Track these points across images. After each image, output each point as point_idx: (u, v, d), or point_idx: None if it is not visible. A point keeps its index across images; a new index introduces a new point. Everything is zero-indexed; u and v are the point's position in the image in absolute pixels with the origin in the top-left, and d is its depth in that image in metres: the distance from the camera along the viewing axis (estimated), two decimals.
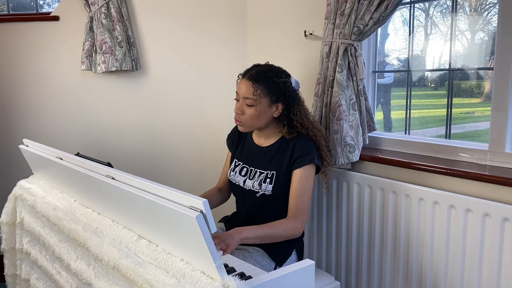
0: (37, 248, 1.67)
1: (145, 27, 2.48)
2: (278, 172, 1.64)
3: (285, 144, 1.67)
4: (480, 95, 1.89)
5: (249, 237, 1.45)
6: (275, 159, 1.67)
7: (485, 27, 1.82)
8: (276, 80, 1.62)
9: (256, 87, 1.59)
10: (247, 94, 1.60)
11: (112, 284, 1.20)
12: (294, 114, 1.65)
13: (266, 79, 1.61)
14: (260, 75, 1.61)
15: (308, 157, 1.61)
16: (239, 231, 1.44)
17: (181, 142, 2.57)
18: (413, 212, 1.72)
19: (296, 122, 1.66)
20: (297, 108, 1.66)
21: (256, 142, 1.75)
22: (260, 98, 1.59)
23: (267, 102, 1.61)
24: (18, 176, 2.06)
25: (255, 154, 1.73)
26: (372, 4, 1.73)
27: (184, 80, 2.52)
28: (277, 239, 1.55)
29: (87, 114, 2.56)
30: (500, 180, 1.50)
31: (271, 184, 1.64)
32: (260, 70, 1.64)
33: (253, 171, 1.71)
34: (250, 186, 1.68)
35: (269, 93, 1.60)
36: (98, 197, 1.37)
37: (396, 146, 1.96)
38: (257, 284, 1.05)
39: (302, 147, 1.62)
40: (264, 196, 1.65)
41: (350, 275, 2.01)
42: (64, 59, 2.53)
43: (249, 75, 1.62)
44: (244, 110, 1.62)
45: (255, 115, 1.61)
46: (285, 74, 1.67)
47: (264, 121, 1.65)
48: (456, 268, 1.61)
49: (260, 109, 1.60)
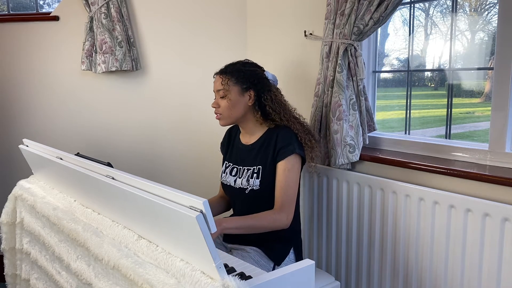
0: (37, 248, 1.67)
1: (145, 27, 2.48)
2: (264, 166, 1.67)
3: (268, 138, 1.70)
4: (480, 95, 1.89)
5: (229, 227, 1.47)
6: (260, 154, 1.70)
7: (485, 27, 1.82)
8: (243, 68, 1.71)
9: (224, 77, 1.69)
10: (218, 86, 1.69)
11: (112, 284, 1.19)
12: (265, 99, 1.70)
13: (233, 69, 1.70)
14: (228, 67, 1.72)
15: (290, 147, 1.64)
16: (219, 222, 1.45)
17: (181, 142, 2.57)
18: (413, 212, 1.72)
19: (268, 107, 1.70)
20: (267, 94, 1.71)
21: (243, 142, 1.79)
22: (229, 86, 1.67)
23: (237, 90, 1.68)
24: (18, 176, 2.06)
25: (243, 153, 1.76)
26: (372, 4, 1.73)
27: (184, 80, 2.52)
28: (261, 230, 1.56)
29: (87, 114, 2.56)
30: (500, 180, 1.50)
31: (258, 179, 1.66)
32: (229, 64, 1.74)
33: (241, 169, 1.73)
34: (239, 184, 1.71)
35: (237, 82, 1.68)
36: (98, 197, 1.37)
37: (396, 146, 1.96)
38: (257, 284, 1.05)
39: (283, 138, 1.66)
40: (253, 192, 1.67)
41: (350, 275, 2.01)
42: (64, 59, 2.53)
43: (219, 70, 1.73)
44: (219, 103, 1.70)
45: (229, 106, 1.67)
46: (254, 65, 1.77)
47: (240, 111, 1.69)
48: (456, 268, 1.61)
49: (232, 98, 1.67)
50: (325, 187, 2.06)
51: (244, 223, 1.52)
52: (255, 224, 1.54)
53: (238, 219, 1.52)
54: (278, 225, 1.57)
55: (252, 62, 1.77)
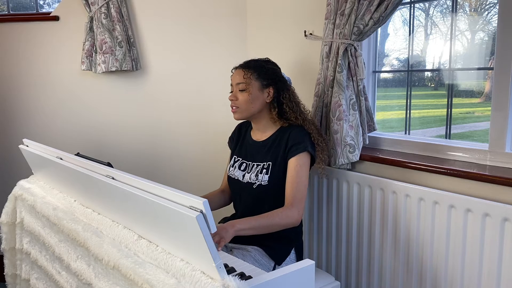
0: (37, 248, 1.67)
1: (145, 27, 2.48)
2: (274, 162, 1.68)
3: (280, 135, 1.72)
4: (480, 95, 1.89)
5: (243, 228, 1.45)
6: (271, 150, 1.71)
7: (485, 27, 1.82)
8: (265, 65, 1.74)
9: (246, 71, 1.71)
10: (238, 79, 1.71)
11: (112, 284, 1.20)
12: (284, 97, 1.73)
13: (256, 65, 1.73)
14: (251, 62, 1.75)
15: (302, 145, 1.65)
16: (232, 223, 1.44)
17: (181, 142, 2.57)
18: (413, 212, 1.72)
19: (286, 106, 1.72)
20: (286, 93, 1.74)
21: (254, 138, 1.80)
22: (250, 80, 1.69)
23: (258, 86, 1.70)
24: (18, 176, 2.06)
25: (253, 149, 1.78)
26: (372, 4, 1.73)
27: (184, 80, 2.52)
28: (273, 228, 1.55)
29: (87, 114, 2.56)
30: (500, 180, 1.50)
31: (267, 175, 1.67)
32: (251, 60, 1.78)
33: (250, 164, 1.74)
34: (247, 179, 1.72)
35: (259, 77, 1.71)
36: (98, 197, 1.37)
37: (396, 146, 1.96)
38: (257, 284, 1.05)
39: (295, 136, 1.67)
40: (261, 187, 1.67)
41: (350, 275, 2.01)
42: (64, 59, 2.53)
43: (240, 65, 1.76)
44: (238, 96, 1.71)
45: (248, 100, 1.69)
46: (275, 64, 1.80)
47: (257, 107, 1.71)
48: (456, 268, 1.61)
49: (252, 93, 1.69)
50: (325, 187, 2.06)
51: (257, 223, 1.49)
52: (268, 223, 1.52)
53: (250, 220, 1.50)
54: (290, 221, 1.56)
55: (273, 61, 1.80)
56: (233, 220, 1.47)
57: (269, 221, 1.52)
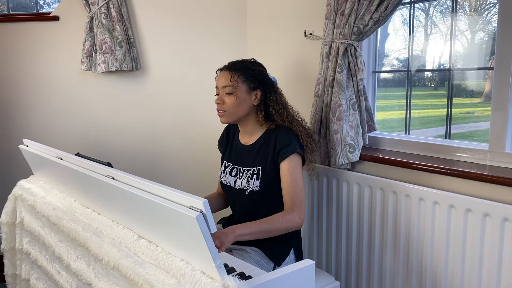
0: (37, 248, 1.67)
1: (145, 27, 2.48)
2: (264, 167, 1.66)
3: (267, 138, 1.69)
4: (480, 95, 1.89)
5: (243, 233, 1.44)
6: (259, 154, 1.69)
7: (485, 27, 1.82)
8: (251, 67, 1.69)
9: (233, 73, 1.65)
10: (225, 82, 1.65)
11: (112, 284, 1.19)
12: (270, 100, 1.70)
13: (243, 67, 1.68)
14: (237, 64, 1.70)
15: (290, 147, 1.62)
16: (232, 229, 1.43)
17: (181, 142, 2.57)
18: (413, 212, 1.72)
19: (272, 108, 1.69)
20: (273, 95, 1.71)
21: (242, 142, 1.77)
22: (237, 84, 1.64)
23: (245, 89, 1.66)
24: (18, 176, 2.06)
25: (242, 153, 1.75)
26: (372, 4, 1.73)
27: (184, 80, 2.52)
28: (274, 233, 1.53)
29: (87, 114, 2.56)
30: (500, 180, 1.50)
31: (258, 180, 1.65)
32: (236, 61, 1.72)
33: (241, 170, 1.72)
34: (239, 185, 1.70)
35: (246, 80, 1.66)
36: (98, 197, 1.37)
37: (396, 146, 1.96)
38: (257, 284, 1.05)
39: (283, 139, 1.64)
40: (253, 193, 1.66)
41: (350, 275, 2.01)
42: (64, 59, 2.53)
43: (225, 66, 1.71)
44: (224, 100, 1.67)
45: (236, 103, 1.65)
46: (261, 65, 1.76)
47: (244, 110, 1.68)
48: (456, 268, 1.61)
49: (240, 96, 1.65)
50: (325, 187, 2.06)
51: (258, 228, 1.48)
52: (269, 228, 1.50)
53: (251, 225, 1.48)
54: (291, 225, 1.54)
55: (259, 62, 1.76)
56: (233, 226, 1.46)
57: (270, 226, 1.51)
